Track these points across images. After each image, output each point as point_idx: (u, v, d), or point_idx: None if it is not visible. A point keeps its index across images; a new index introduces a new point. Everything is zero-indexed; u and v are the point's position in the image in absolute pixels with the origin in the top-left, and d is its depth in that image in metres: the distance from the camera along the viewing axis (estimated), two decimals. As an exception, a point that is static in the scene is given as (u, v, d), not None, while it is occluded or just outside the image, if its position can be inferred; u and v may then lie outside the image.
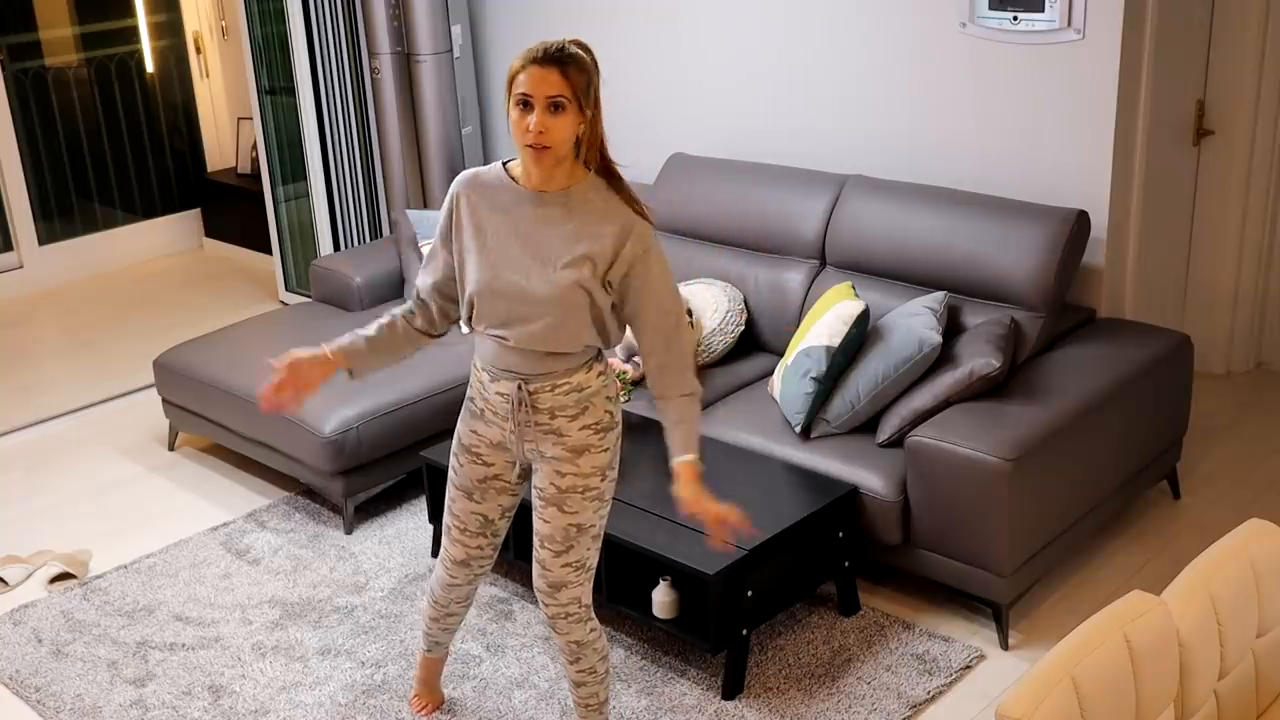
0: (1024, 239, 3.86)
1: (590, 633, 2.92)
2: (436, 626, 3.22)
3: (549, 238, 2.64)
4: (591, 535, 2.82)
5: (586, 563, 2.84)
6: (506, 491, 2.93)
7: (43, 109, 6.85)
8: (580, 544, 2.81)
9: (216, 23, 7.26)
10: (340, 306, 5.08)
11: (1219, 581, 2.35)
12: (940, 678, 3.41)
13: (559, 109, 2.53)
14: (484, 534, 2.98)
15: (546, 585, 2.85)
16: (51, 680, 3.58)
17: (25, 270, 6.83)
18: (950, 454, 3.42)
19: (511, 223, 2.67)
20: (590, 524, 2.80)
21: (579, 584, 2.85)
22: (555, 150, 2.57)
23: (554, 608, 2.87)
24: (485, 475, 2.89)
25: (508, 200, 2.69)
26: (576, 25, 5.29)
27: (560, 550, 2.80)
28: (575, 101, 2.54)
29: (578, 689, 3.01)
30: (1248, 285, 4.89)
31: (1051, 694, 2.04)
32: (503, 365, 2.73)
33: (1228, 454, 4.48)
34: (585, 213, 2.64)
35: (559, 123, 2.53)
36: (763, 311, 4.37)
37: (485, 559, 3.03)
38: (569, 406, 2.72)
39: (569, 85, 2.52)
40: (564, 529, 2.78)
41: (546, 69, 2.51)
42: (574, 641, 2.91)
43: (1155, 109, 4.19)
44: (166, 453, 4.93)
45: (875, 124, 4.51)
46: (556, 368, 2.69)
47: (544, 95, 2.51)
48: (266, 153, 6.19)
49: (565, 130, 2.55)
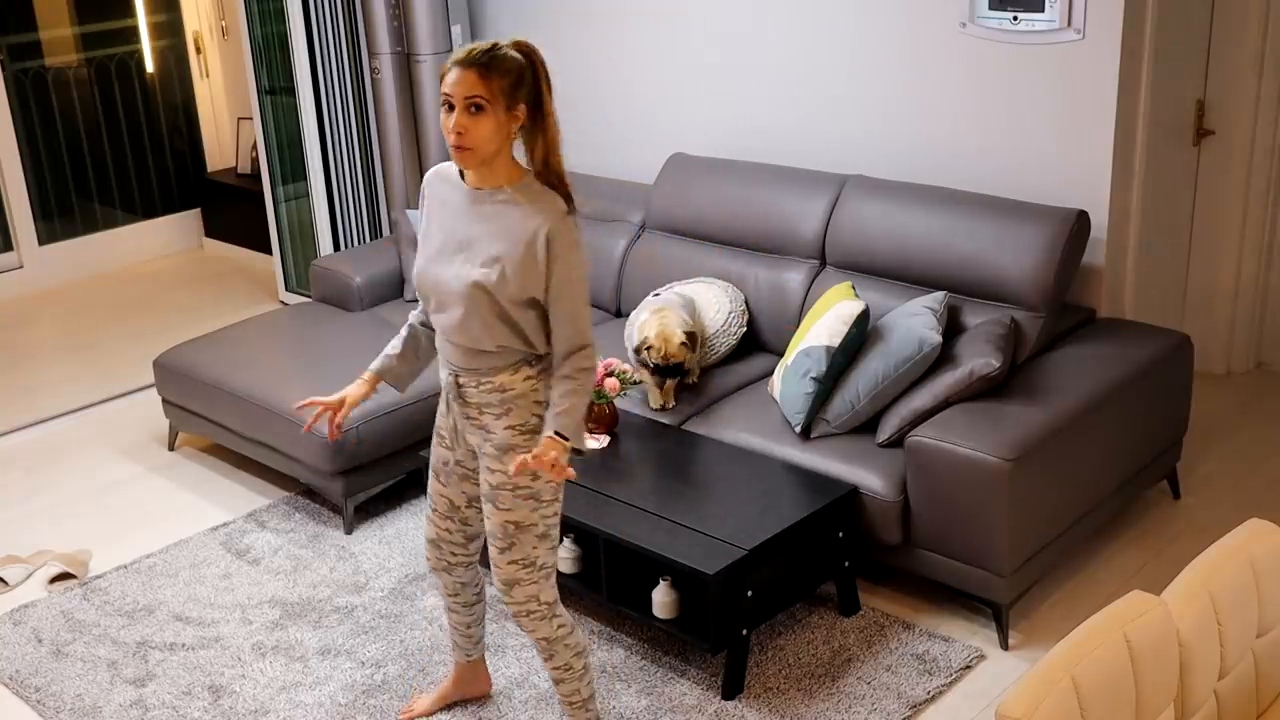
0: (1024, 239, 3.86)
1: (559, 629, 2.94)
2: (449, 622, 3.29)
3: (475, 235, 2.71)
4: (536, 534, 2.84)
5: (537, 561, 2.87)
6: (468, 479, 2.98)
7: (43, 109, 6.85)
8: (523, 542, 2.83)
9: (216, 23, 7.26)
10: (340, 306, 5.08)
11: (1219, 581, 2.35)
12: (940, 678, 3.41)
13: (478, 110, 2.58)
14: (452, 519, 3.05)
15: (500, 583, 2.90)
16: (51, 680, 3.58)
17: (25, 270, 6.83)
18: (950, 454, 3.42)
19: (450, 217, 2.77)
20: (530, 523, 2.82)
21: (532, 582, 2.87)
22: (476, 151, 2.62)
23: (513, 606, 2.91)
24: (448, 459, 2.97)
25: (453, 196, 2.78)
26: (577, 25, 5.29)
27: (503, 547, 2.85)
28: (497, 103, 2.58)
29: (558, 686, 3.04)
30: (1248, 285, 4.89)
31: (1051, 694, 2.04)
32: (442, 355, 2.86)
33: (1228, 454, 4.48)
34: (508, 215, 2.69)
35: (478, 124, 2.59)
36: (763, 311, 4.37)
37: (456, 546, 3.09)
38: (494, 405, 2.78)
39: (487, 87, 2.57)
40: (501, 525, 2.83)
41: (465, 70, 2.59)
42: (542, 639, 2.95)
43: (1155, 109, 4.19)
44: (166, 453, 4.93)
45: (875, 124, 4.51)
46: (480, 365, 2.76)
47: (462, 96, 2.59)
48: (266, 153, 6.19)
49: (484, 131, 2.60)
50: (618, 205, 4.94)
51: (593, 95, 5.34)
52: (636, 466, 3.73)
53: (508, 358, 2.75)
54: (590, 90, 5.34)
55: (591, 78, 5.31)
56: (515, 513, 2.81)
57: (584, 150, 5.40)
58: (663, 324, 3.96)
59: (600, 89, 5.30)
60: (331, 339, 4.76)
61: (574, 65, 5.35)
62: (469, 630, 3.28)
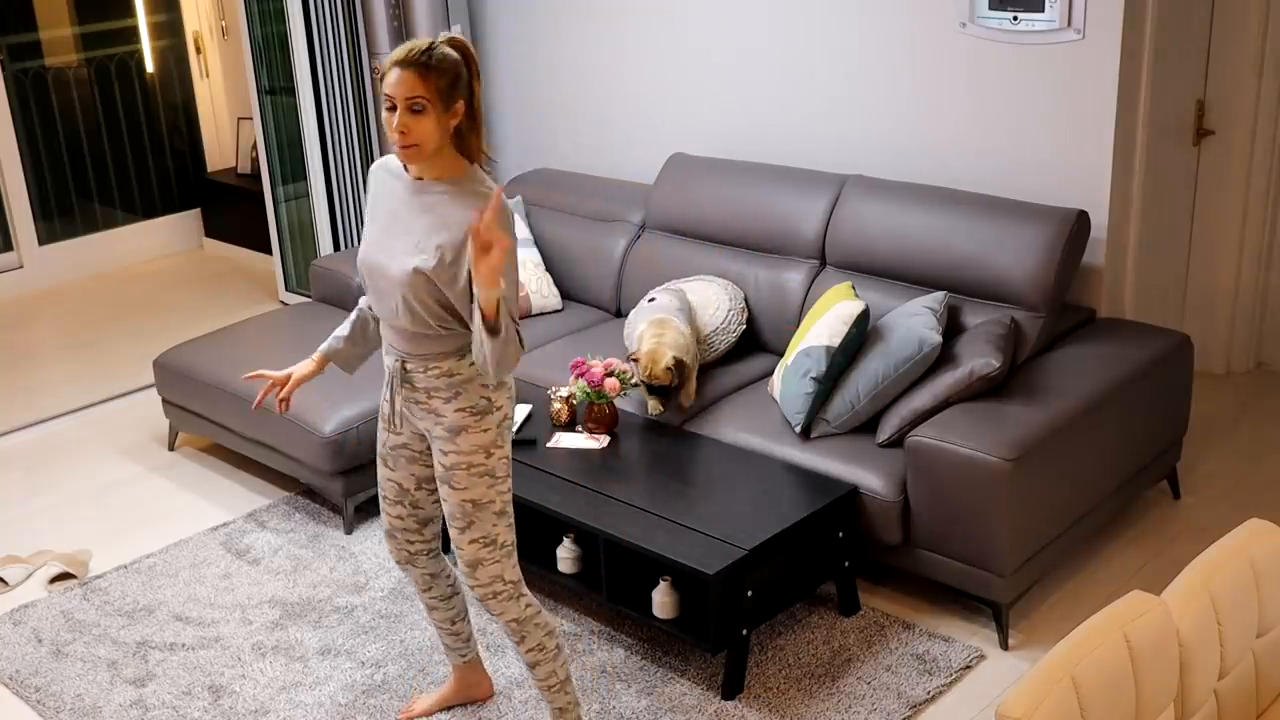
0: (1024, 239, 3.86)
1: (527, 609, 2.97)
2: (435, 625, 3.29)
3: (417, 224, 2.75)
4: (494, 511, 2.88)
5: (498, 540, 2.90)
6: (417, 462, 3.01)
7: (43, 109, 6.85)
8: (482, 520, 2.87)
9: (216, 23, 7.26)
10: (340, 306, 5.08)
11: (1219, 581, 2.35)
12: (940, 678, 3.41)
13: (420, 110, 2.64)
14: (402, 503, 3.07)
15: (464, 565, 2.92)
16: (51, 680, 3.59)
17: (25, 270, 6.83)
18: (950, 454, 3.42)
19: (393, 206, 2.81)
20: (487, 500, 2.86)
21: (495, 560, 2.90)
22: (422, 148, 2.68)
23: (479, 588, 2.93)
24: (395, 443, 3.00)
25: (395, 186, 2.83)
26: (577, 25, 5.29)
27: (463, 527, 2.88)
28: (437, 102, 2.65)
29: (534, 670, 3.04)
30: (1248, 285, 4.89)
31: (1051, 694, 2.04)
32: (387, 340, 2.88)
33: (1228, 454, 4.48)
34: (447, 205, 2.74)
35: (421, 123, 2.65)
36: (763, 311, 4.37)
37: (411, 534, 3.11)
38: (442, 389, 2.82)
39: (428, 87, 2.63)
40: (459, 505, 2.86)
41: (406, 71, 2.64)
42: (512, 620, 2.96)
43: (1155, 109, 4.19)
44: (166, 453, 4.93)
45: (875, 124, 4.51)
46: (427, 350, 2.80)
47: (404, 97, 2.63)
48: (266, 153, 6.19)
49: (427, 128, 2.65)
50: (618, 205, 4.94)
51: (593, 95, 5.34)
52: (636, 466, 3.73)
53: (453, 343, 2.79)
54: (590, 90, 5.34)
55: (591, 78, 5.31)
56: (471, 490, 2.85)
57: (584, 150, 5.40)
58: (657, 342, 3.92)
59: (600, 89, 5.30)
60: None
61: (574, 65, 5.35)
62: (454, 627, 3.27)
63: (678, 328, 3.99)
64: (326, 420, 4.13)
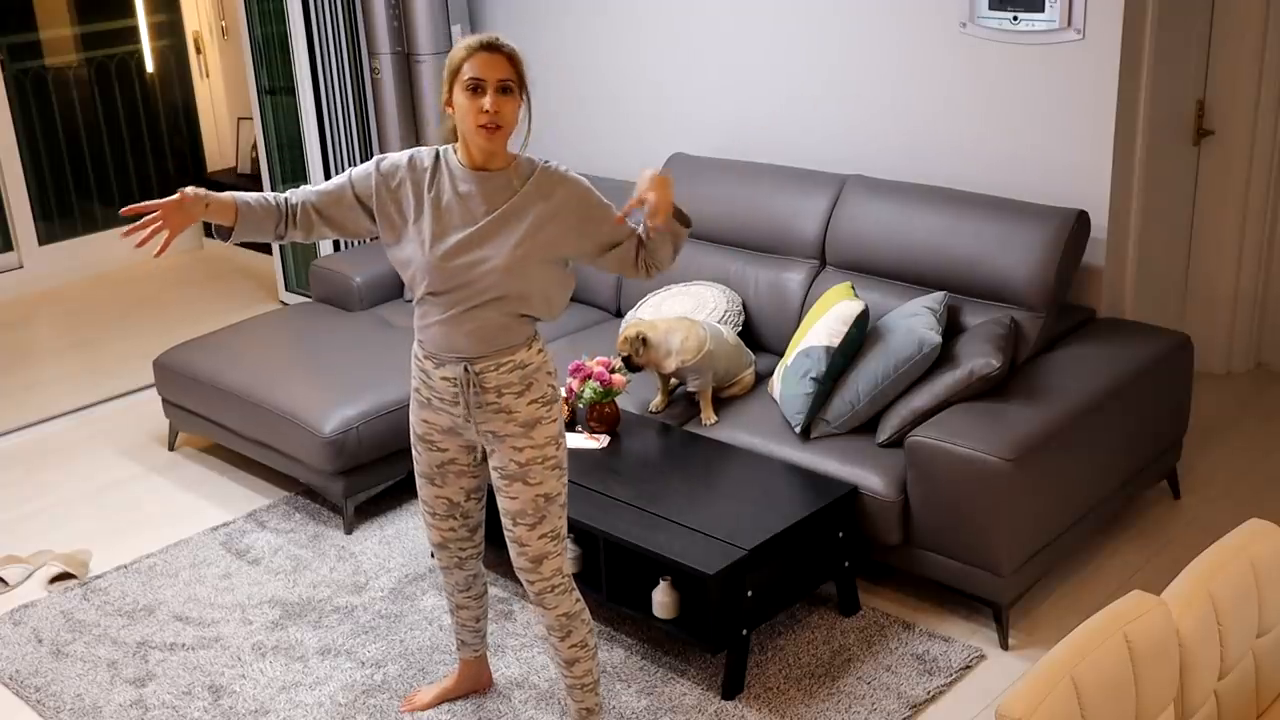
0: (1024, 239, 3.86)
1: (576, 603, 2.99)
2: (455, 622, 3.32)
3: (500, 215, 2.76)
4: (559, 504, 2.92)
5: (559, 532, 2.94)
6: (465, 474, 3.03)
7: (43, 109, 6.85)
8: (551, 514, 2.90)
9: (216, 23, 7.27)
10: (340, 306, 5.08)
11: (1219, 581, 2.35)
12: (940, 678, 3.41)
13: (508, 91, 2.72)
14: (453, 516, 3.09)
15: (528, 561, 2.92)
16: (51, 680, 3.59)
17: (25, 270, 6.83)
18: (950, 454, 3.42)
19: (448, 199, 2.79)
20: (556, 493, 2.91)
21: (557, 554, 2.94)
22: (505, 130, 2.74)
23: (540, 583, 2.94)
24: (442, 460, 3.00)
25: (442, 178, 2.82)
26: (577, 25, 5.29)
27: (534, 522, 2.89)
28: (521, 86, 2.75)
29: (572, 668, 3.03)
30: (1248, 285, 4.89)
31: (1051, 694, 2.04)
32: (442, 347, 2.84)
33: (1228, 454, 4.49)
34: (522, 189, 2.78)
35: (507, 104, 2.73)
36: (762, 311, 4.37)
37: (463, 541, 3.13)
38: (514, 384, 2.83)
39: (514, 70, 2.74)
40: (533, 500, 2.87)
41: (495, 55, 2.71)
42: (563, 614, 2.97)
43: (1155, 109, 4.19)
44: (166, 453, 4.93)
45: (875, 124, 4.51)
46: (502, 344, 2.81)
47: (495, 78, 2.70)
48: (266, 153, 6.19)
49: (512, 111, 2.74)
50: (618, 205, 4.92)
51: (593, 95, 5.34)
52: (637, 466, 3.73)
53: (522, 333, 2.82)
54: (591, 90, 5.34)
55: (592, 77, 5.31)
56: (545, 484, 2.87)
57: (584, 150, 5.40)
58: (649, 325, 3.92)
59: (600, 89, 5.30)
60: (331, 339, 4.76)
61: (574, 65, 5.35)
62: (478, 624, 3.32)
63: (699, 333, 3.94)
64: (326, 420, 4.13)
